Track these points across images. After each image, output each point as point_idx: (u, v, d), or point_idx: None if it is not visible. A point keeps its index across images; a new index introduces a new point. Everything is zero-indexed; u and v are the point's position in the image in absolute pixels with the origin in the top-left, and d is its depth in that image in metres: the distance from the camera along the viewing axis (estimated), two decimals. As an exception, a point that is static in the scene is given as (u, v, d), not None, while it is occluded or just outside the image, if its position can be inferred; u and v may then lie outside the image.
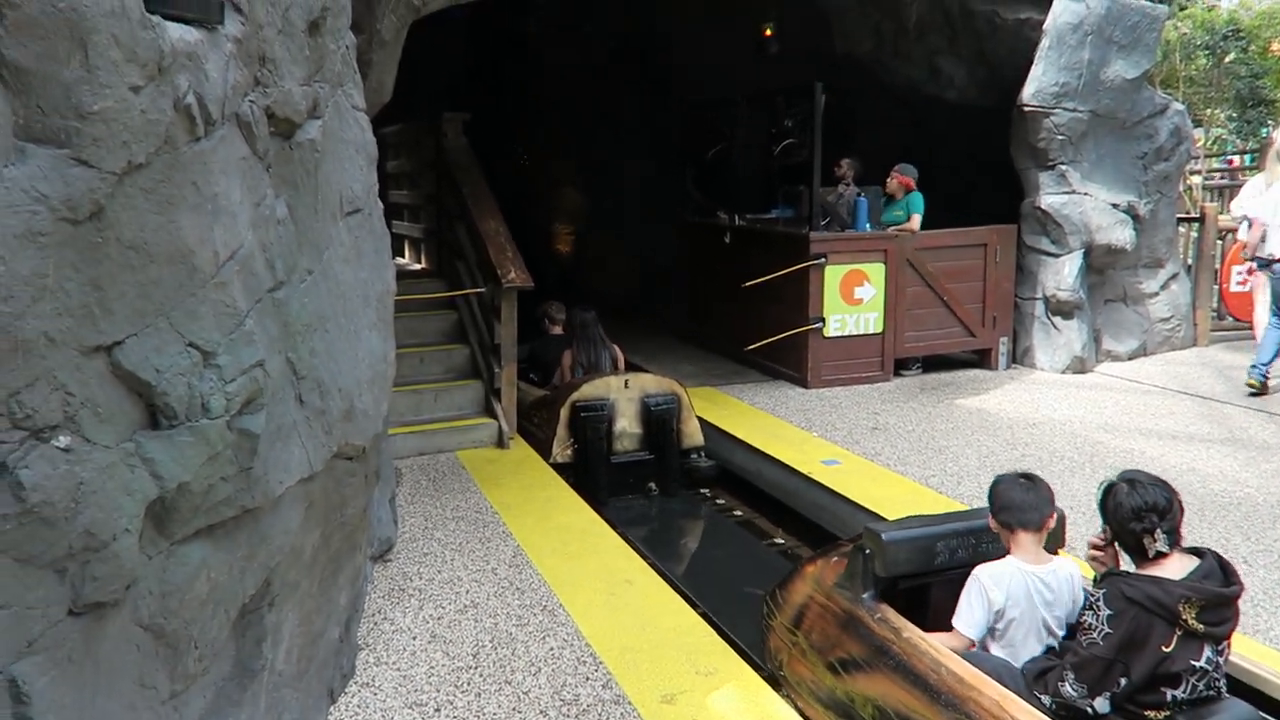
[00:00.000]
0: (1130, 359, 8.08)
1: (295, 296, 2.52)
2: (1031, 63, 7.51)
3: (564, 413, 6.03)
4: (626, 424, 6.14)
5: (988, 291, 7.72)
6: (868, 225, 7.47)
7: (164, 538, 2.06)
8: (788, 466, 5.38)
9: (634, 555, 4.36)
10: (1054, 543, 2.92)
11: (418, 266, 8.37)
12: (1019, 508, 2.76)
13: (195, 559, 2.14)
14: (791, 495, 5.25)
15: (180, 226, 1.99)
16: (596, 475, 5.79)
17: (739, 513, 5.67)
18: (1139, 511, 2.45)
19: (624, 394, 6.15)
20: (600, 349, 6.63)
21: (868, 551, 3.04)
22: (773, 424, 6.30)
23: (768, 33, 8.78)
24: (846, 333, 7.34)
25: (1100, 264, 7.91)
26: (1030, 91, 7.48)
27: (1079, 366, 7.70)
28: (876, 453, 5.58)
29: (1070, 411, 6.51)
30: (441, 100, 9.33)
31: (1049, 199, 7.70)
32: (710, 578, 4.64)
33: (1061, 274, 7.70)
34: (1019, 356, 7.94)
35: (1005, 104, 7.86)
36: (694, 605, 3.93)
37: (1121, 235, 7.76)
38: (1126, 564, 2.57)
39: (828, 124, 7.18)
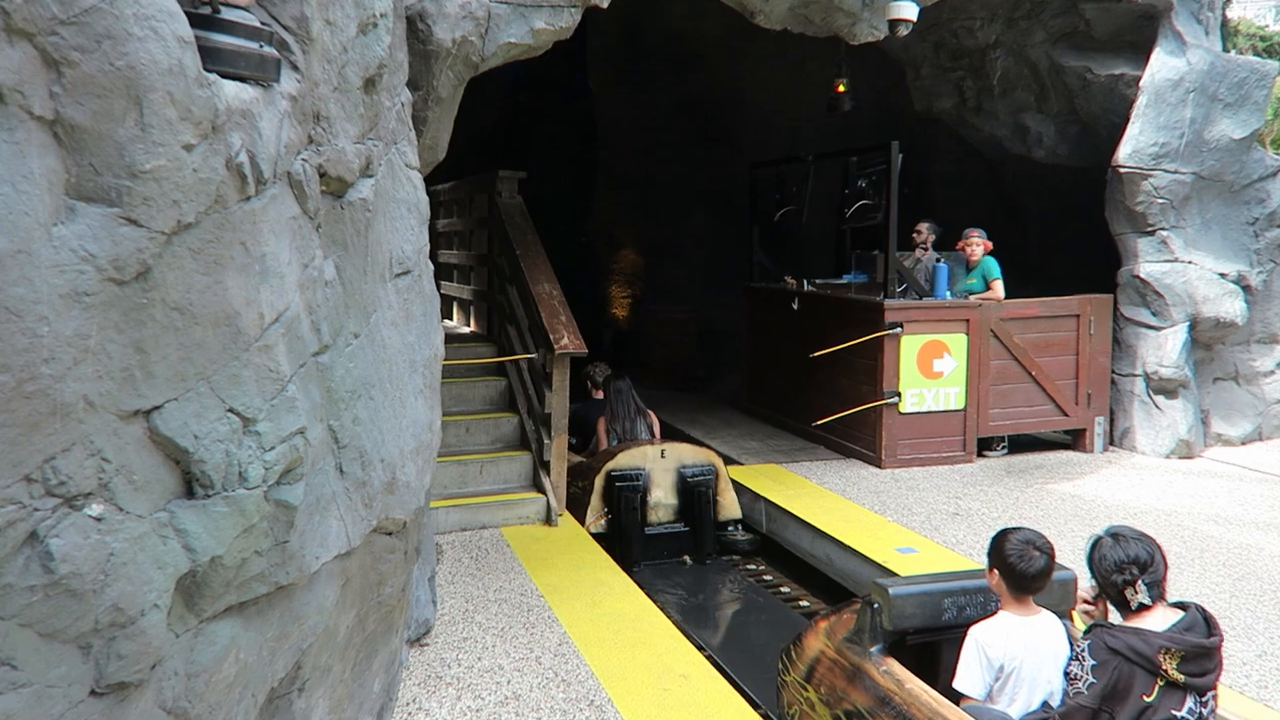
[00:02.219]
0: (1243, 444, 7.80)
1: (340, 361, 2.56)
2: (1127, 121, 7.46)
3: (598, 482, 6.16)
4: (662, 495, 6.29)
5: (1081, 366, 7.56)
6: (948, 293, 7.40)
7: (193, 615, 2.08)
8: (859, 554, 5.26)
9: (689, 646, 4.27)
10: (1067, 604, 3.14)
11: (466, 330, 8.50)
12: (1031, 577, 2.92)
13: (224, 638, 2.15)
14: (863, 587, 5.14)
15: (226, 287, 2.05)
16: (630, 547, 5.92)
17: (786, 589, 5.71)
18: (1121, 564, 2.68)
19: (660, 464, 6.29)
20: (635, 417, 6.75)
21: (876, 605, 3.22)
22: (843, 506, 6.19)
23: (840, 88, 8.87)
24: (924, 409, 7.23)
25: (1208, 339, 7.70)
26: (1127, 152, 7.41)
27: (1185, 451, 7.45)
28: (958, 541, 5.44)
29: (1176, 501, 6.28)
30: (496, 157, 9.58)
31: (1149, 267, 7.56)
32: (766, 667, 4.55)
33: (1164, 349, 7.51)
34: (1117, 439, 7.72)
35: (1099, 164, 7.80)
36: (755, 705, 3.82)
37: (1231, 308, 7.56)
38: (1116, 619, 2.78)
39: (904, 184, 7.19)
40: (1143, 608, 2.66)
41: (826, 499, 6.36)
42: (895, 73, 9.13)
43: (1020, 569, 2.93)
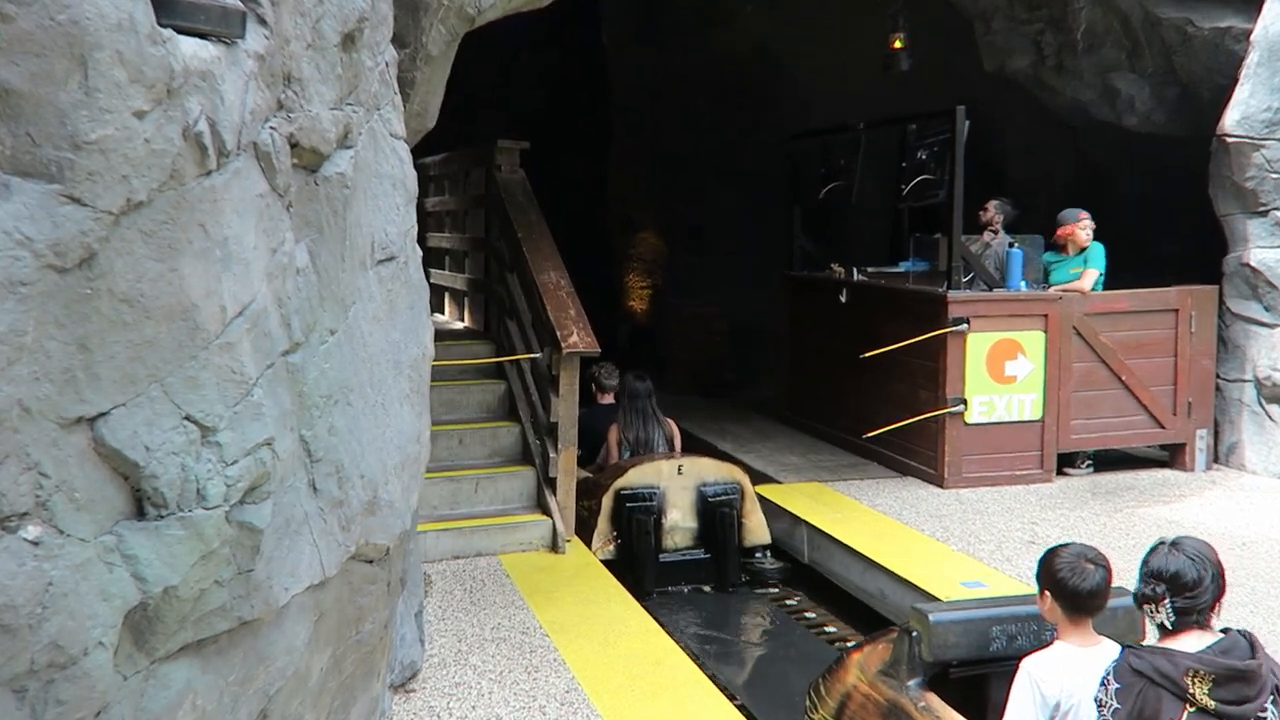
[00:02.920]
0: (1372, 461, 7.71)
1: (314, 361, 2.57)
2: (1235, 82, 7.39)
3: (606, 502, 6.19)
4: (679, 516, 6.33)
5: (1180, 371, 7.50)
6: (1023, 283, 7.36)
7: (143, 654, 2.09)
8: (918, 589, 5.25)
9: (717, 694, 4.27)
10: (1135, 634, 3.22)
11: (459, 325, 8.53)
12: (1087, 594, 2.96)
13: (179, 682, 2.16)
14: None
15: (183, 276, 2.06)
16: (642, 576, 5.98)
17: (831, 629, 5.72)
18: (1151, 575, 2.72)
19: (676, 481, 6.32)
20: (652, 425, 6.77)
21: (914, 634, 3.25)
22: (898, 532, 6.17)
23: (897, 44, 8.84)
24: (995, 419, 7.19)
25: (1330, 337, 7.63)
26: (1234, 118, 7.35)
27: (1303, 470, 7.38)
28: (1033, 574, 5.40)
29: (1292, 529, 6.22)
30: (494, 126, 9.61)
31: (1261, 254, 7.49)
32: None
33: (1278, 350, 7.45)
34: (1222, 455, 7.65)
35: (1201, 133, 7.73)
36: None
37: (1358, 301, 7.49)
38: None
39: (972, 157, 7.16)
40: (1178, 629, 2.71)
41: (879, 524, 6.34)
42: (961, 26, 9.09)
43: (1073, 585, 2.97)
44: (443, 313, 8.94)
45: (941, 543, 5.97)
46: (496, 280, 7.31)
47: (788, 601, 6.19)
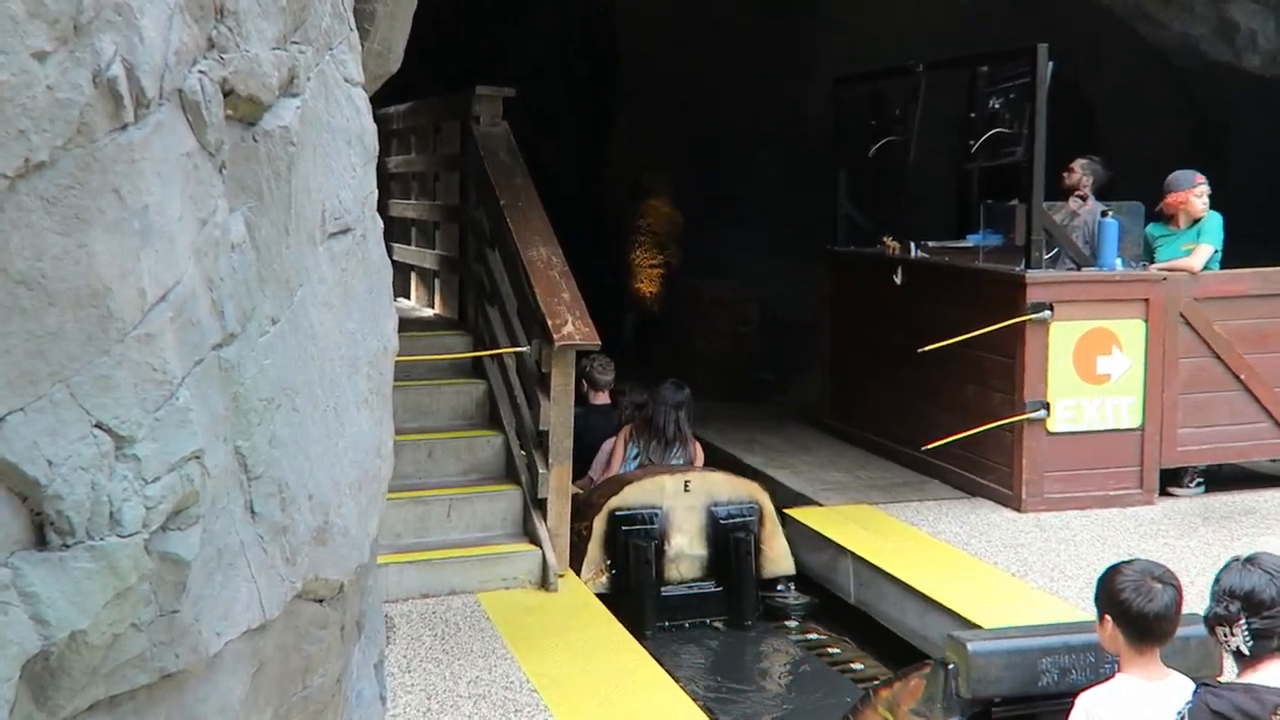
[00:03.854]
0: None
1: (252, 357, 2.58)
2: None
3: (598, 524, 6.26)
4: (685, 542, 6.43)
5: (1313, 368, 7.48)
6: (1119, 261, 7.36)
7: (45, 713, 2.10)
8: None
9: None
10: (1210, 669, 3.30)
11: (429, 313, 8.54)
12: (1153, 618, 3.05)
13: (89, 747, 2.17)
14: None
15: (93, 253, 2.07)
16: (641, 613, 6.08)
17: (858, 665, 5.86)
18: (1224, 594, 2.81)
19: (682, 500, 6.41)
20: (675, 447, 6.78)
21: (951, 667, 3.37)
22: (966, 566, 6.17)
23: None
24: (1083, 427, 7.19)
25: None
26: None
27: None
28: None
29: None
30: (472, 69, 9.61)
31: None
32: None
33: None
34: (1363, 471, 7.63)
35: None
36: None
37: None
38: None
39: (1057, 106, 7.14)
40: (1249, 659, 2.78)
41: (941, 555, 6.34)
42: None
43: (1137, 607, 3.03)
44: (408, 297, 8.96)
45: (1018, 579, 5.96)
46: (474, 258, 7.32)
47: (810, 636, 6.23)
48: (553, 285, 6.21)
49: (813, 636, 6.33)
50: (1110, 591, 3.14)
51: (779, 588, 6.59)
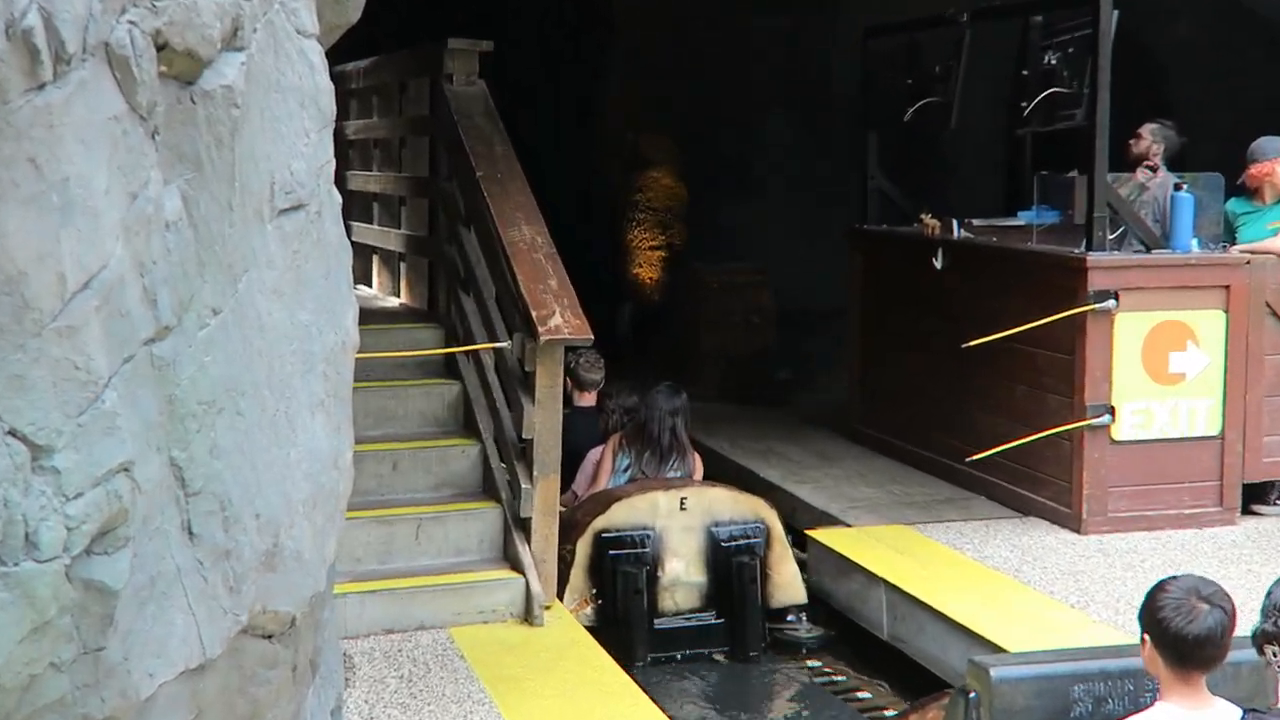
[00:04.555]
0: None
1: (190, 353, 2.57)
2: None
3: (582, 548, 6.31)
4: (681, 568, 6.44)
5: None
6: (1194, 241, 7.35)
7: (-49, 766, 2.10)
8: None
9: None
10: (1265, 697, 3.36)
11: (394, 302, 8.53)
12: (1195, 641, 3.11)
13: (1, 806, 2.17)
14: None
15: (5, 232, 2.06)
16: (630, 645, 6.12)
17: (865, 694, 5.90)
18: (1274, 609, 2.94)
19: (678, 520, 6.43)
20: (672, 459, 6.79)
21: (972, 696, 3.43)
22: (1016, 595, 6.17)
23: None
24: (1154, 435, 7.18)
25: None
26: None
27: None
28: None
29: None
30: (444, 21, 9.59)
31: None
32: None
33: None
34: None
35: None
36: None
37: None
38: None
39: (1122, 63, 7.14)
40: None
41: (987, 581, 6.34)
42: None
43: (1176, 628, 3.10)
44: (370, 284, 8.95)
45: (1078, 610, 5.96)
46: (446, 238, 7.31)
47: (825, 672, 6.26)
48: (538, 270, 6.20)
49: (829, 671, 6.33)
50: (1151, 609, 3.21)
51: (789, 618, 6.61)
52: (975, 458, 7.51)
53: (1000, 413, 7.55)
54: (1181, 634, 3.09)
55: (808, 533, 7.27)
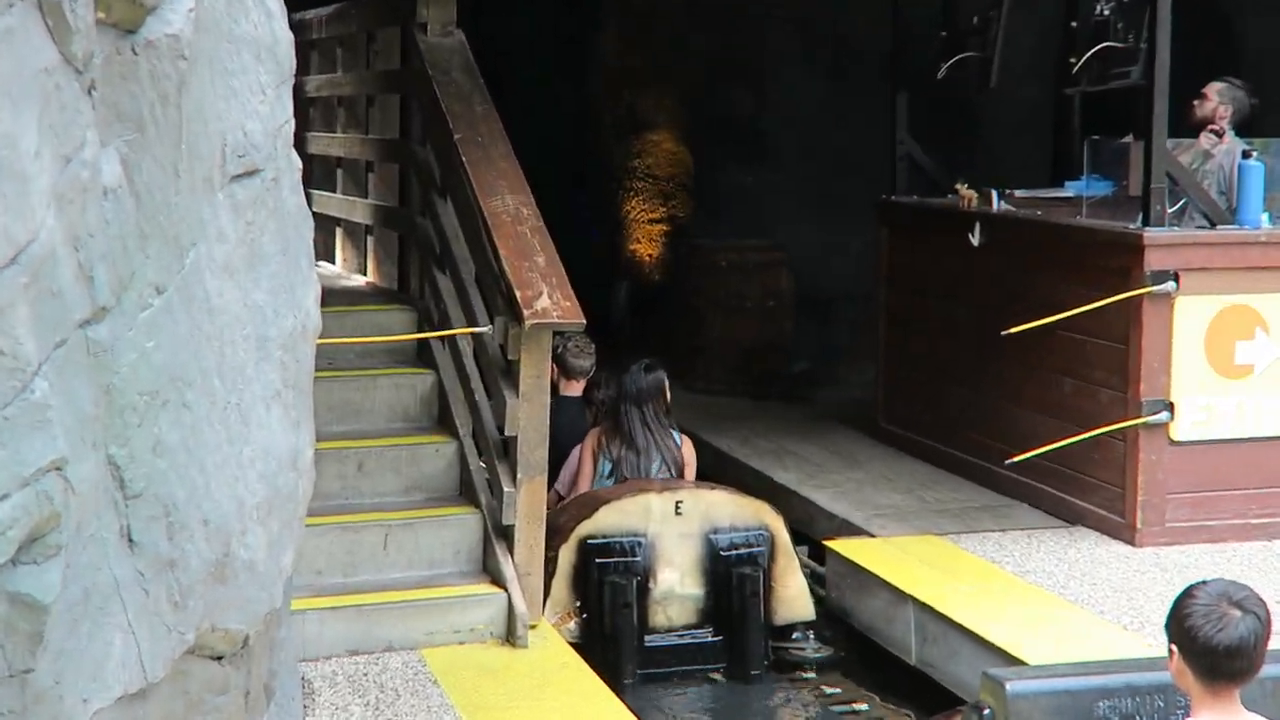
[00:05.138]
0: None
1: (130, 338, 2.57)
2: None
3: (565, 556, 6.31)
4: (675, 579, 6.46)
5: None
6: (1265, 216, 7.34)
7: None
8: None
9: None
10: None
11: (360, 281, 8.52)
12: (1225, 651, 3.14)
13: (-84, 847, 2.17)
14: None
15: (-78, 199, 2.07)
16: (618, 663, 6.14)
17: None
18: None
19: (672, 525, 6.43)
20: (653, 445, 6.79)
21: (986, 712, 3.50)
22: (1061, 615, 6.17)
23: None
24: (1218, 434, 7.18)
25: None
26: None
27: None
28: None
29: None
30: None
31: None
32: None
33: None
34: None
35: None
36: None
37: None
38: None
39: (1184, 15, 7.13)
40: None
41: (1032, 602, 6.33)
42: None
43: (1204, 637, 3.13)
44: (333, 260, 8.94)
45: (1132, 632, 5.97)
46: (420, 209, 7.31)
47: (835, 694, 6.28)
48: (523, 246, 6.19)
49: (838, 693, 6.36)
50: (1178, 617, 3.23)
51: (795, 635, 6.61)
52: (1016, 460, 7.51)
53: (1044, 409, 7.54)
54: (1211, 643, 3.12)
55: (826, 543, 7.26)
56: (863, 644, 6.75)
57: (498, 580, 6.09)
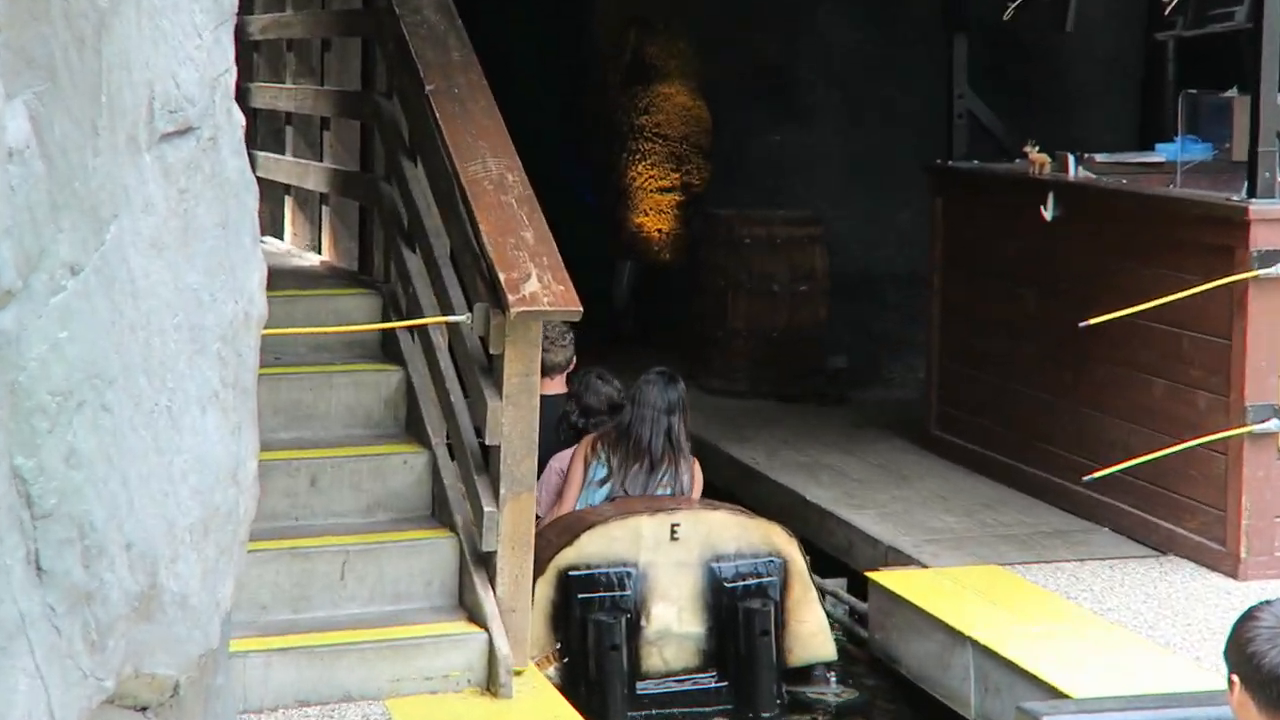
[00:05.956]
0: None
1: (39, 326, 2.58)
2: None
3: (543, 589, 6.32)
4: (672, 616, 6.49)
5: None
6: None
7: None
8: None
9: None
10: None
11: (314, 260, 8.51)
12: None
13: None
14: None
15: None
16: (606, 717, 6.22)
17: None
18: None
19: (668, 552, 6.46)
20: (663, 470, 6.77)
21: None
22: (1150, 661, 6.17)
23: None
24: (1336, 447, 7.17)
25: None
26: None
27: None
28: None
29: None
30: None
31: None
32: None
33: None
34: None
35: None
36: None
37: None
38: None
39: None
40: None
41: (1115, 646, 6.33)
42: None
43: (1269, 664, 3.18)
44: (282, 236, 8.94)
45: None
46: (385, 175, 7.31)
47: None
48: (508, 218, 6.18)
49: None
50: (1238, 643, 3.27)
51: (815, 673, 6.63)
52: (1095, 476, 7.51)
53: (1129, 415, 7.54)
54: (1275, 672, 3.15)
55: (869, 575, 7.27)
56: (911, 694, 6.75)
57: (476, 617, 6.10)
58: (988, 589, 6.93)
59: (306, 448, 6.57)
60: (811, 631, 6.59)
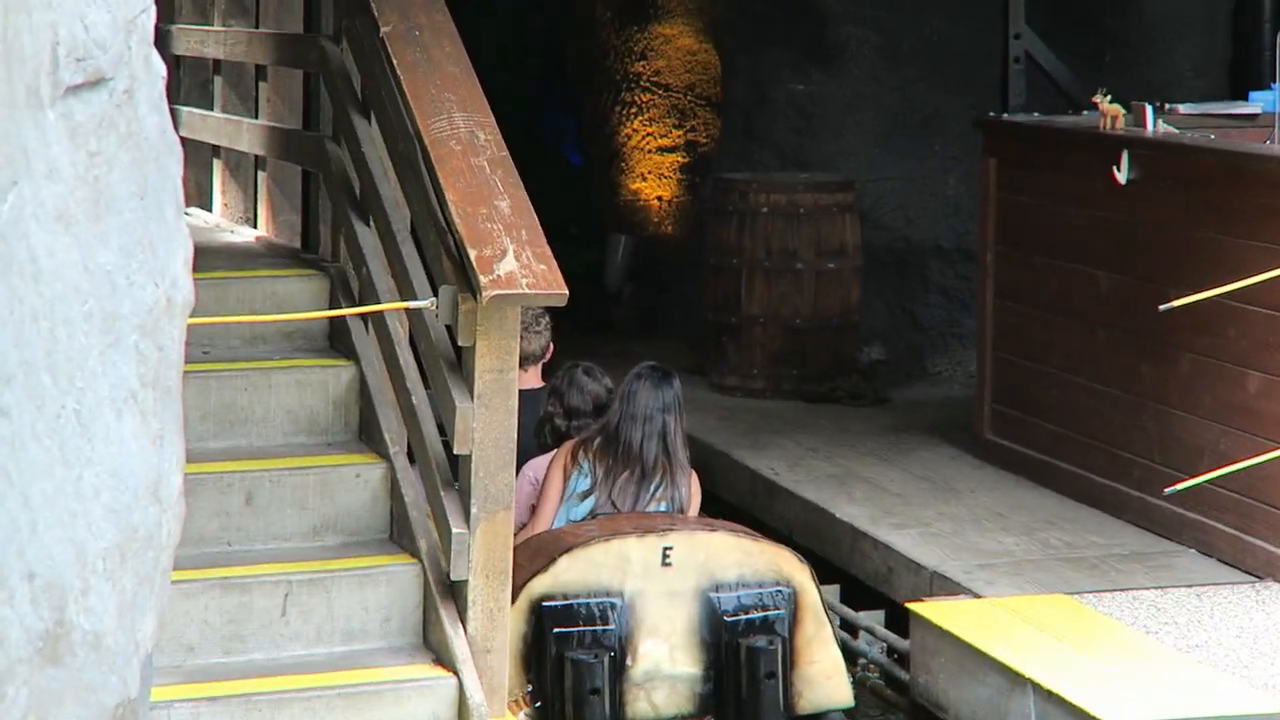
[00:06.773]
0: None
1: (-77, 316, 2.59)
2: None
3: (513, 623, 6.30)
4: (663, 655, 6.53)
5: None
6: None
7: None
8: None
9: None
10: None
11: (248, 235, 8.53)
12: None
13: None
14: None
15: None
16: None
17: None
18: None
19: (659, 581, 6.51)
20: (656, 481, 6.80)
21: None
22: (1245, 707, 6.18)
23: None
24: None
25: None
26: None
27: None
28: None
29: None
30: None
31: None
32: None
33: None
34: None
35: None
36: None
37: None
38: None
39: None
40: None
41: (1204, 688, 6.34)
42: None
43: None
44: (210, 207, 8.96)
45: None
46: (333, 134, 7.33)
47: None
48: (479, 185, 6.19)
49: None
50: None
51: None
52: (1178, 487, 7.52)
53: (1218, 416, 7.57)
54: None
55: (910, 606, 7.29)
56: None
57: (444, 659, 6.12)
58: (1052, 623, 6.93)
59: (241, 459, 6.58)
60: (825, 673, 6.59)
